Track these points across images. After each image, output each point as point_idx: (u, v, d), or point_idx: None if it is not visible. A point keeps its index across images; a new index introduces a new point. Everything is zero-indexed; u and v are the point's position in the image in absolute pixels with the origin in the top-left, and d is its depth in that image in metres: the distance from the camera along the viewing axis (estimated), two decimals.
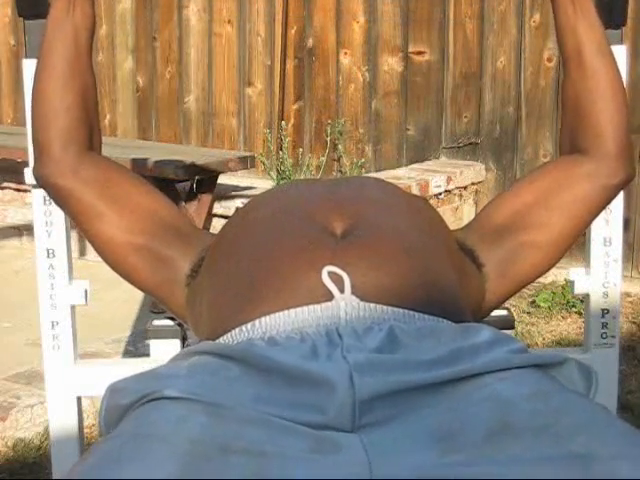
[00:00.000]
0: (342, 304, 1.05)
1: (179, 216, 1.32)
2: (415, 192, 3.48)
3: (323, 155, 4.14)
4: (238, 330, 1.07)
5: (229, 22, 4.33)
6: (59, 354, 1.45)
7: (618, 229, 1.49)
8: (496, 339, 1.02)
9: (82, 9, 1.32)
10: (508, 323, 1.46)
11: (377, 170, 3.99)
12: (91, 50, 1.34)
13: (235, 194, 3.67)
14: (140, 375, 1.01)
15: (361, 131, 4.11)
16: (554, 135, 3.68)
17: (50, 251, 1.44)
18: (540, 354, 1.02)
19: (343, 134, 4.10)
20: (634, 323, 3.18)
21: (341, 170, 4.13)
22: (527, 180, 1.33)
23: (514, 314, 1.57)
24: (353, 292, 1.06)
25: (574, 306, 3.22)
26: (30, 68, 1.40)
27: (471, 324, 1.08)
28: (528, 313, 3.23)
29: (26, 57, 1.42)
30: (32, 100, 1.32)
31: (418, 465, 0.82)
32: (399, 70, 4.00)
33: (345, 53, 4.10)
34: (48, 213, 1.44)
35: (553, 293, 3.33)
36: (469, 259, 1.26)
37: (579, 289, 1.51)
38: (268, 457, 0.82)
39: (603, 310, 1.49)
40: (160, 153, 3.62)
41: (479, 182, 3.85)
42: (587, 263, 1.50)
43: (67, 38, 1.30)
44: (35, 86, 1.31)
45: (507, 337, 1.05)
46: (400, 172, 3.80)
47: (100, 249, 1.29)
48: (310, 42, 4.17)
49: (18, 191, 4.08)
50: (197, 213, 3.56)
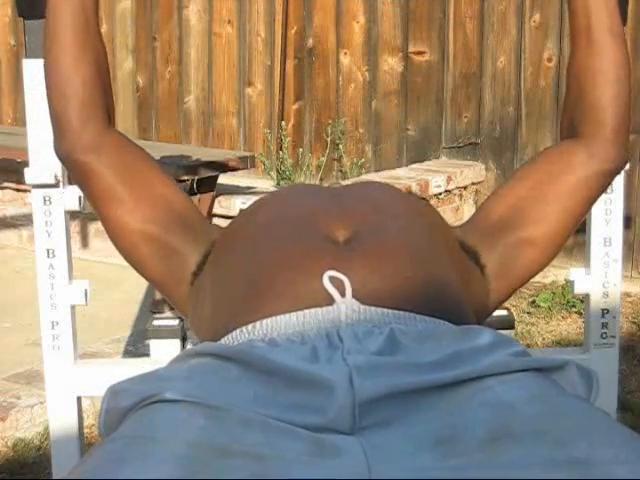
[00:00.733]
0: (343, 307, 1.05)
1: (191, 208, 1.31)
2: (415, 192, 3.48)
3: (323, 155, 4.14)
4: (239, 331, 1.07)
5: (229, 22, 4.33)
6: (59, 354, 1.45)
7: (618, 229, 1.49)
8: (497, 342, 1.02)
9: None
10: (508, 323, 1.46)
11: (377, 170, 3.99)
12: (98, 19, 1.30)
13: (235, 194, 3.66)
14: (140, 377, 1.01)
15: (361, 131, 4.11)
16: (554, 135, 3.68)
17: (50, 251, 1.44)
18: (541, 357, 1.01)
19: (344, 134, 4.10)
20: (634, 323, 3.18)
21: (341, 170, 4.13)
22: (522, 173, 1.33)
23: (514, 314, 1.58)
24: (354, 296, 1.06)
25: (574, 306, 3.22)
26: (30, 68, 1.40)
27: (472, 327, 1.07)
28: (528, 313, 3.23)
29: (26, 57, 1.42)
30: (46, 76, 1.28)
31: (418, 469, 0.82)
32: (399, 70, 4.00)
33: (345, 53, 4.10)
34: (48, 213, 1.44)
35: (553, 293, 3.33)
36: (472, 261, 1.26)
37: (579, 289, 1.51)
38: (267, 460, 0.82)
39: (603, 310, 1.49)
40: (160, 153, 3.60)
41: (479, 182, 3.85)
42: (587, 263, 1.50)
43: (74, 8, 1.26)
44: (48, 61, 1.27)
45: (508, 340, 1.05)
46: (400, 172, 3.80)
47: (113, 234, 1.28)
48: (310, 42, 4.17)
49: (18, 191, 4.07)
50: None
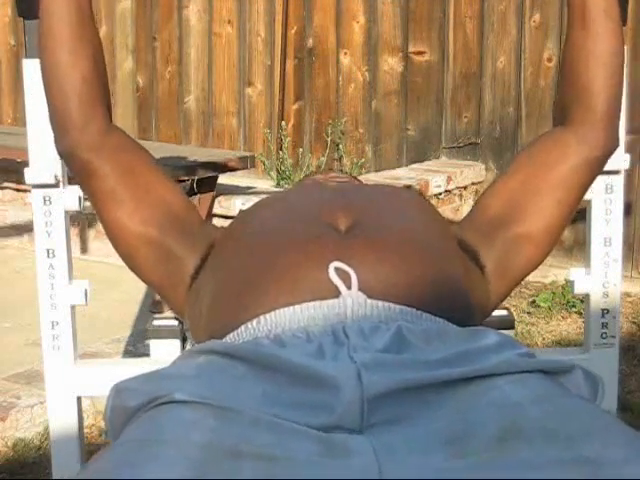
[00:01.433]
0: (349, 301, 1.05)
1: (191, 211, 1.31)
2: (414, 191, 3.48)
3: (323, 155, 4.14)
4: (243, 328, 1.07)
5: (229, 22, 4.33)
6: (59, 354, 1.45)
7: (618, 229, 1.49)
8: (503, 343, 1.02)
9: None
10: (508, 323, 1.46)
11: (377, 170, 3.99)
12: (93, 13, 1.27)
13: (235, 194, 3.66)
14: (147, 375, 1.00)
15: (361, 131, 4.11)
16: None
17: (50, 251, 1.43)
18: (548, 359, 1.01)
19: (344, 134, 4.10)
20: (634, 323, 3.18)
21: (342, 170, 4.12)
22: (514, 166, 1.34)
23: (514, 314, 1.57)
24: (360, 289, 1.06)
25: (574, 306, 3.22)
26: (30, 68, 1.40)
27: (478, 328, 1.07)
28: (528, 313, 3.23)
29: (26, 57, 1.41)
30: (44, 73, 1.25)
31: (428, 469, 0.82)
32: (399, 70, 4.00)
33: (345, 53, 4.10)
34: (48, 213, 1.44)
35: (553, 293, 3.33)
36: (472, 262, 1.26)
37: (579, 289, 1.51)
38: (278, 461, 0.82)
39: (603, 310, 1.49)
40: (160, 153, 3.60)
41: (479, 182, 3.85)
42: (587, 263, 1.50)
43: (69, 2, 1.23)
44: (44, 58, 1.25)
45: (514, 341, 1.05)
46: (400, 172, 3.80)
47: (112, 235, 1.28)
48: (310, 42, 4.17)
49: (18, 191, 4.07)
50: None
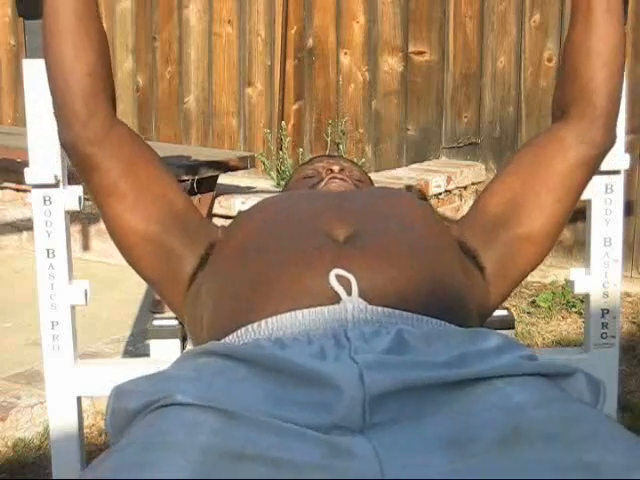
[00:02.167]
0: (349, 306, 1.05)
1: (192, 210, 1.31)
2: (415, 192, 3.48)
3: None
4: (244, 330, 1.07)
5: (229, 22, 4.33)
6: (59, 354, 1.45)
7: (618, 229, 1.49)
8: (505, 345, 1.02)
9: None
10: (508, 323, 1.46)
11: (377, 170, 3.99)
12: (98, 7, 1.26)
13: (235, 194, 3.66)
14: (148, 377, 1.00)
15: (361, 131, 4.11)
16: None
17: (50, 251, 1.43)
18: (551, 363, 1.01)
19: (345, 134, 4.10)
20: (634, 323, 3.18)
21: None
22: (514, 164, 1.32)
23: (514, 314, 1.57)
24: (360, 295, 1.06)
25: (574, 306, 3.22)
26: (30, 68, 1.40)
27: (479, 329, 1.07)
28: (528, 313, 3.23)
29: (26, 57, 1.41)
30: (48, 66, 1.24)
31: (430, 472, 0.82)
32: (399, 70, 4.00)
33: (345, 53, 4.10)
34: (48, 213, 1.44)
35: (553, 293, 3.33)
36: (472, 263, 1.26)
37: (579, 289, 1.51)
38: (281, 464, 0.82)
39: (603, 310, 1.49)
40: (160, 153, 3.60)
41: (479, 182, 3.85)
42: (587, 263, 1.50)
43: None
44: (48, 52, 1.24)
45: (516, 344, 1.05)
46: (400, 172, 3.80)
47: (112, 230, 1.28)
48: (310, 42, 4.17)
49: (18, 191, 4.07)
50: None
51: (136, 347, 2.71)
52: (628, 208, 3.22)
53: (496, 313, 1.39)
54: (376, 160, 4.09)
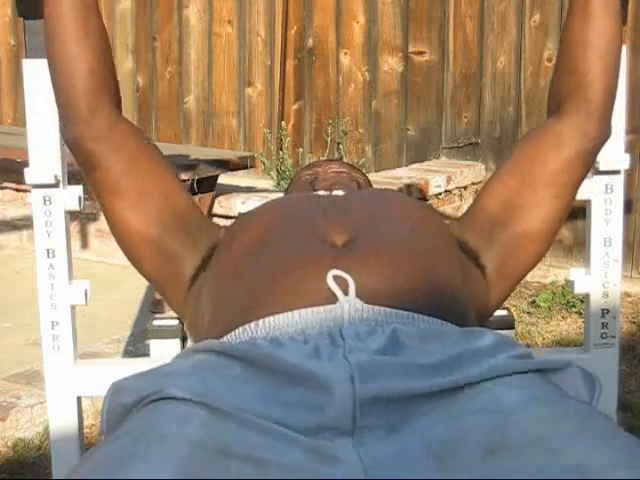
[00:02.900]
0: (346, 306, 1.05)
1: (194, 210, 1.31)
2: (415, 192, 3.48)
3: (323, 155, 4.13)
4: (242, 329, 1.07)
5: (229, 22, 4.33)
6: (59, 354, 1.45)
7: (618, 229, 1.49)
8: (499, 344, 1.02)
9: None
10: (508, 323, 1.46)
11: (377, 170, 3.99)
12: (98, 5, 1.26)
13: (235, 194, 3.66)
14: (143, 373, 1.01)
15: (361, 131, 4.11)
16: None
17: (50, 251, 1.43)
18: (543, 359, 1.01)
19: (346, 134, 4.10)
20: (634, 323, 3.18)
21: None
22: (511, 162, 1.32)
23: (514, 314, 1.58)
24: (357, 295, 1.07)
25: (574, 306, 3.22)
26: (30, 68, 1.40)
27: (474, 328, 1.07)
28: (528, 313, 3.23)
29: (26, 57, 1.41)
30: (51, 65, 1.24)
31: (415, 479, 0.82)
32: (399, 70, 4.00)
33: (345, 53, 4.10)
34: (48, 213, 1.44)
35: (553, 293, 3.33)
36: (472, 263, 1.26)
37: (579, 289, 1.51)
38: (267, 465, 0.82)
39: (603, 310, 1.49)
40: None
41: (479, 182, 3.85)
42: (587, 263, 1.50)
43: None
44: (51, 50, 1.24)
45: (510, 342, 1.05)
46: (400, 172, 3.80)
47: (114, 229, 1.28)
48: (310, 42, 4.17)
49: (18, 191, 4.07)
50: None
51: (136, 347, 2.71)
52: (628, 208, 3.22)
53: (496, 313, 1.39)
54: (376, 160, 4.09)
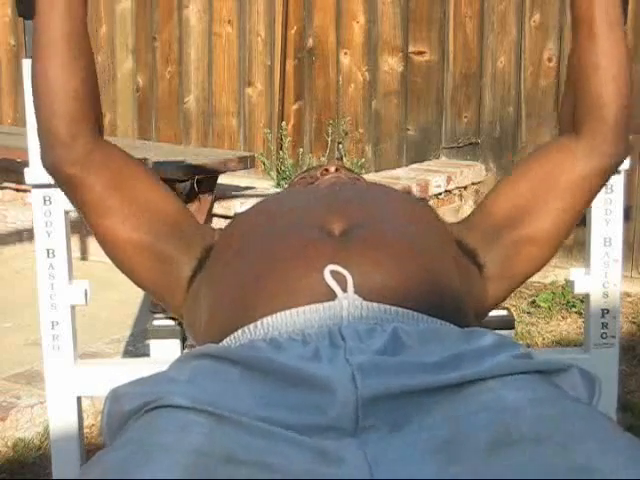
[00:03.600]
0: (345, 303, 1.05)
1: (184, 214, 1.30)
2: (415, 192, 3.48)
3: (323, 155, 4.13)
4: (240, 332, 1.07)
5: (229, 22, 4.33)
6: (59, 354, 1.45)
7: (618, 229, 1.49)
8: (500, 344, 1.01)
9: None
10: (508, 323, 1.46)
11: (377, 170, 3.99)
12: (86, 24, 1.25)
13: (235, 194, 3.66)
14: (142, 380, 1.00)
15: (361, 131, 4.11)
16: (554, 135, 3.68)
17: (50, 251, 1.43)
18: (544, 360, 1.01)
19: (347, 134, 4.10)
20: (634, 323, 3.18)
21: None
22: (522, 169, 1.31)
23: (514, 314, 1.58)
24: (356, 291, 1.06)
25: (574, 306, 3.22)
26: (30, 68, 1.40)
27: (475, 329, 1.07)
28: (528, 313, 3.23)
29: (26, 57, 1.41)
30: (34, 87, 1.24)
31: (421, 478, 0.82)
32: (399, 70, 4.00)
33: (345, 53, 4.10)
34: (48, 213, 1.44)
35: (553, 293, 3.33)
36: (470, 261, 1.26)
37: (579, 289, 1.51)
38: (272, 469, 0.82)
39: (603, 310, 1.49)
40: (160, 153, 3.62)
41: (479, 182, 3.85)
42: (587, 263, 1.50)
43: (64, 16, 1.21)
44: (36, 72, 1.23)
45: (511, 342, 1.05)
46: (400, 172, 3.80)
47: (104, 244, 1.27)
48: (310, 42, 4.17)
49: (18, 191, 4.07)
50: (197, 213, 3.56)
51: (136, 347, 2.71)
52: (628, 209, 3.22)
53: (496, 313, 1.40)
54: (376, 160, 4.09)
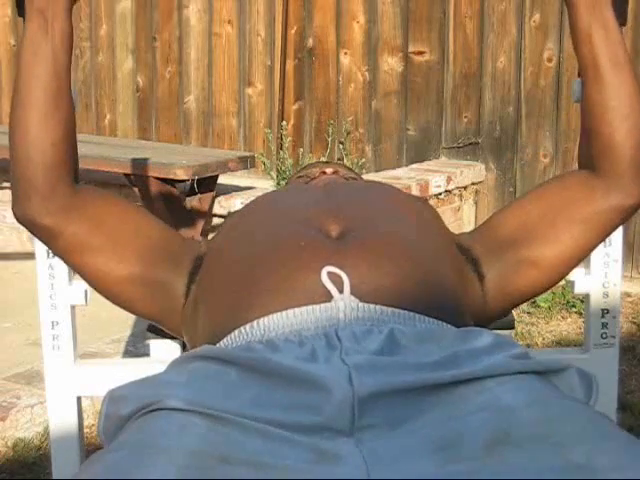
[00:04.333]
0: (341, 305, 1.05)
1: (167, 233, 1.28)
2: (415, 192, 3.48)
3: (323, 155, 4.13)
4: (237, 332, 1.07)
5: (229, 22, 4.33)
6: (59, 354, 1.45)
7: (618, 229, 1.49)
8: (497, 343, 1.01)
9: (61, 28, 1.18)
10: (508, 323, 1.46)
11: (377, 170, 3.99)
12: (70, 72, 1.22)
13: (235, 194, 3.66)
14: (139, 382, 1.00)
15: (361, 131, 4.11)
16: (554, 135, 3.68)
17: (50, 251, 1.43)
18: (541, 360, 1.01)
19: (349, 133, 4.10)
20: (634, 323, 3.18)
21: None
22: (538, 193, 1.29)
23: (514, 314, 1.57)
24: (352, 292, 1.06)
25: (574, 306, 3.22)
26: None
27: (471, 328, 1.07)
28: (528, 313, 3.23)
29: None
30: (11, 134, 1.20)
31: (417, 476, 0.82)
32: (399, 70, 4.00)
33: (345, 53, 4.10)
34: None
35: (553, 293, 3.33)
36: (471, 268, 1.24)
37: (579, 289, 1.51)
38: (268, 469, 0.82)
39: (603, 310, 1.49)
40: (160, 153, 3.62)
41: (479, 182, 3.85)
42: (587, 263, 1.50)
43: (46, 63, 1.18)
44: (14, 118, 1.19)
45: (508, 342, 1.04)
46: (400, 172, 3.80)
47: (95, 283, 1.25)
48: (310, 42, 4.17)
49: None
50: (197, 213, 3.57)
51: (136, 347, 2.71)
52: None
53: None
54: (376, 160, 4.09)
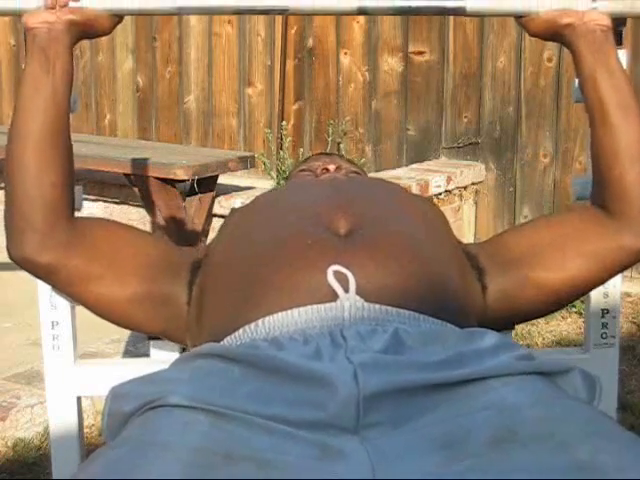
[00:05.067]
0: (346, 304, 1.05)
1: (165, 247, 1.29)
2: (415, 192, 3.48)
3: None
4: (242, 331, 1.07)
5: (229, 22, 4.33)
6: (59, 354, 1.45)
7: None
8: (501, 344, 1.01)
9: (62, 66, 1.18)
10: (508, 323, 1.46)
11: (377, 170, 3.99)
12: (69, 107, 1.21)
13: (235, 194, 3.66)
14: (143, 379, 1.00)
15: (361, 131, 4.11)
16: (554, 135, 3.68)
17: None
18: (545, 361, 1.01)
19: (346, 134, 4.10)
20: (634, 323, 3.18)
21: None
22: (551, 220, 1.31)
23: None
24: (358, 292, 1.06)
25: (574, 306, 3.22)
26: None
27: (476, 329, 1.07)
28: None
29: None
30: (10, 175, 1.18)
31: (422, 473, 0.82)
32: (399, 70, 4.00)
33: (345, 53, 4.10)
34: None
35: None
36: (475, 276, 1.24)
37: None
38: (272, 465, 0.82)
39: (603, 310, 1.49)
40: (160, 153, 3.62)
41: (479, 182, 3.85)
42: None
43: (47, 102, 1.17)
44: (12, 155, 1.18)
45: (512, 343, 1.05)
46: (400, 172, 3.80)
47: (100, 309, 1.25)
48: (310, 42, 4.17)
49: None
50: (197, 213, 3.57)
51: (136, 347, 2.71)
52: None
53: None
54: (376, 160, 4.09)
